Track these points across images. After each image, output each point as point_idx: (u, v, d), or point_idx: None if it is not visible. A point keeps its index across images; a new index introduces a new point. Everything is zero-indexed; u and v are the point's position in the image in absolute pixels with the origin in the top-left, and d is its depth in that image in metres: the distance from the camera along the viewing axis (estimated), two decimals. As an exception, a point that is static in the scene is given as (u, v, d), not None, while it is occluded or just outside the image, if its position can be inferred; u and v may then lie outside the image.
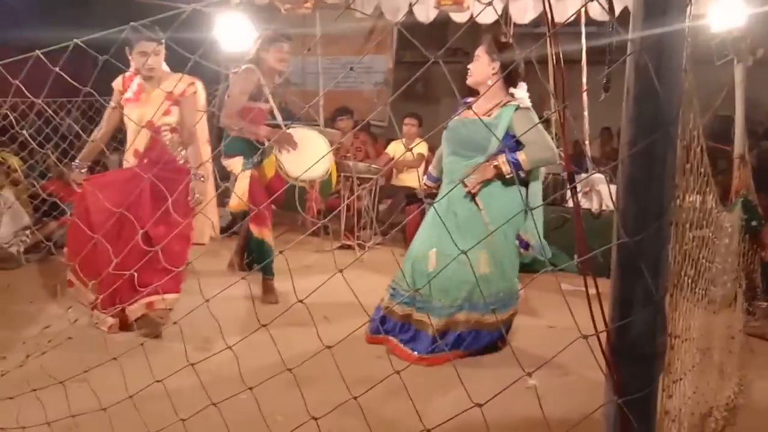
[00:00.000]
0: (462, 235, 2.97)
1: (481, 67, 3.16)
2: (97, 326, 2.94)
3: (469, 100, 3.29)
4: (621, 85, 0.95)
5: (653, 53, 0.88)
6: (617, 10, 4.78)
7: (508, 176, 3.05)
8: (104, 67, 1.69)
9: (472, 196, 3.10)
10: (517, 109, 3.11)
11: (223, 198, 4.87)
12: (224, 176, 4.42)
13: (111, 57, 1.68)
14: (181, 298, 3.10)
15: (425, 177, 3.67)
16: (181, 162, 3.53)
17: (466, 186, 3.06)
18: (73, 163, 3.48)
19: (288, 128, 3.88)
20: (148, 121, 3.37)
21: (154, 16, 1.60)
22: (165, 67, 3.50)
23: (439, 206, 3.14)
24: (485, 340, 3.14)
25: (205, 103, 3.68)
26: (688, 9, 0.92)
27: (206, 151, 3.64)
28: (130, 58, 3.37)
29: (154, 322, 3.05)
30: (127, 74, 3.47)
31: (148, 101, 3.44)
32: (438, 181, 3.51)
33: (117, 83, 3.48)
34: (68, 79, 1.67)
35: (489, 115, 3.12)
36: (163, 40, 3.35)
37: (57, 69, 1.62)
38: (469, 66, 3.20)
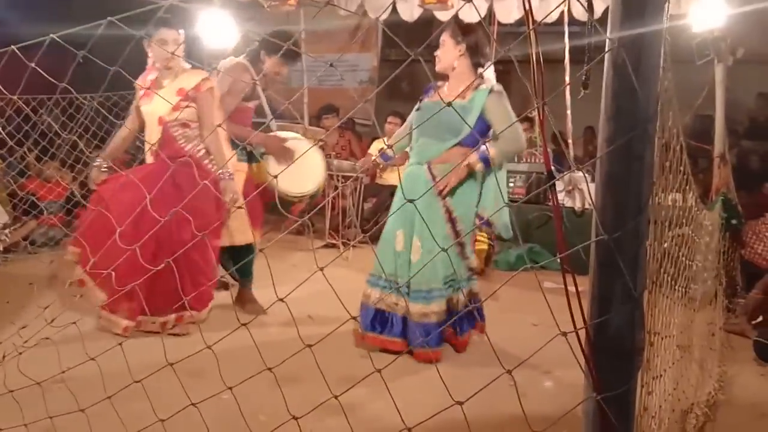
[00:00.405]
0: (426, 221, 3.02)
1: (448, 52, 3.18)
2: (105, 328, 2.82)
3: (439, 83, 3.32)
4: (601, 83, 0.95)
5: (631, 51, 0.88)
6: (599, 11, 4.82)
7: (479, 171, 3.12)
8: (86, 64, 1.66)
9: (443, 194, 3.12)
10: (490, 91, 3.11)
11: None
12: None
13: (89, 52, 1.65)
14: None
15: (380, 155, 3.64)
16: (203, 159, 3.34)
17: (439, 187, 3.10)
18: (94, 161, 3.31)
19: (275, 132, 3.82)
20: (159, 117, 3.27)
21: (134, 11, 1.57)
22: (184, 64, 3.36)
23: (404, 185, 3.19)
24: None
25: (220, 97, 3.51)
26: (666, 8, 0.92)
27: (228, 148, 3.41)
28: (148, 50, 3.27)
29: (177, 334, 3.07)
30: (146, 70, 3.39)
31: (157, 99, 3.25)
32: (389, 159, 3.60)
33: (138, 82, 3.37)
34: (44, 74, 1.64)
35: (463, 98, 3.10)
36: (181, 33, 3.30)
37: (32, 65, 1.59)
38: (436, 53, 3.24)
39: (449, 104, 1.14)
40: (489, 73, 3.32)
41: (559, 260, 1.04)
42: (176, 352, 1.67)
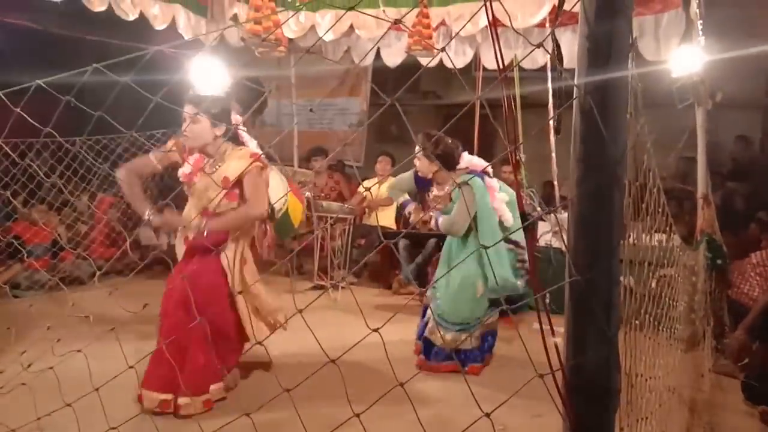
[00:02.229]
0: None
1: (425, 167, 3.79)
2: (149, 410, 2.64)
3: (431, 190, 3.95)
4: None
5: (597, 97, 0.91)
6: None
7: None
8: (76, 108, 1.69)
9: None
10: (459, 187, 3.68)
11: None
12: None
13: (78, 97, 1.68)
14: (138, 339, 2.96)
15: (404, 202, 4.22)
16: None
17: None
18: (146, 217, 2.98)
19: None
20: (204, 209, 3.02)
21: (120, 58, 1.61)
22: (247, 139, 3.20)
23: (445, 248, 3.94)
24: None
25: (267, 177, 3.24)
26: (631, 56, 0.96)
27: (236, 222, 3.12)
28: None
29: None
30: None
31: (205, 185, 3.04)
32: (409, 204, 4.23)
33: (171, 145, 3.13)
34: (29, 119, 1.66)
35: (450, 200, 3.78)
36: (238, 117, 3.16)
37: (18, 109, 1.61)
38: (415, 161, 3.82)
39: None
40: (467, 159, 3.82)
41: (536, 301, 1.04)
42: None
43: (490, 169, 3.88)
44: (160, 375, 2.70)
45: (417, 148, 3.83)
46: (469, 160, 3.81)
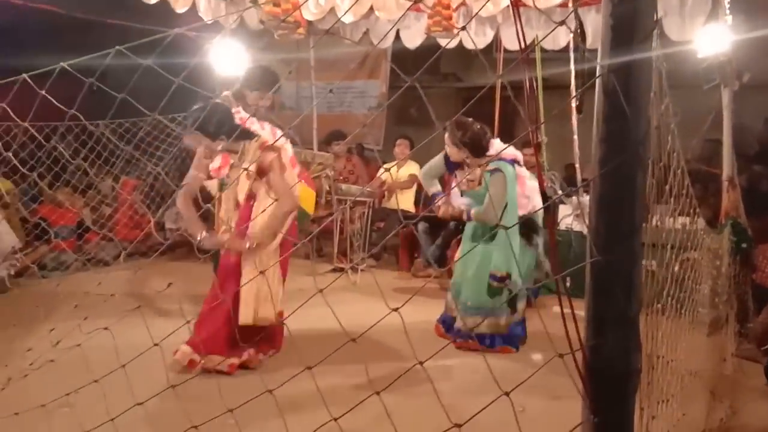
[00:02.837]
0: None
1: (454, 153, 3.78)
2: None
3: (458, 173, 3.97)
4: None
5: (621, 76, 0.90)
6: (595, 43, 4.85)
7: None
8: (99, 91, 1.71)
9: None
10: (491, 173, 3.68)
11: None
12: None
13: (102, 80, 1.70)
14: (163, 317, 3.05)
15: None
16: None
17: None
18: (199, 237, 3.16)
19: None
20: (236, 202, 3.30)
21: (144, 39, 1.62)
22: (256, 127, 3.32)
23: (466, 233, 3.96)
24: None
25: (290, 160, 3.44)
26: (655, 35, 0.94)
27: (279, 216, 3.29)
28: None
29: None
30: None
31: (233, 174, 3.25)
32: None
33: (202, 155, 3.29)
34: (55, 102, 1.68)
35: (480, 184, 3.79)
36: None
37: (43, 92, 1.63)
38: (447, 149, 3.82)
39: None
40: (497, 144, 3.80)
41: (557, 282, 1.04)
42: (181, 376, 1.67)
43: (520, 158, 3.85)
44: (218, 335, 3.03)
45: (446, 135, 3.78)
46: (499, 146, 3.79)
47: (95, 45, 1.74)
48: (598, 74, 0.91)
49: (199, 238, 3.12)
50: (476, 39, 5.61)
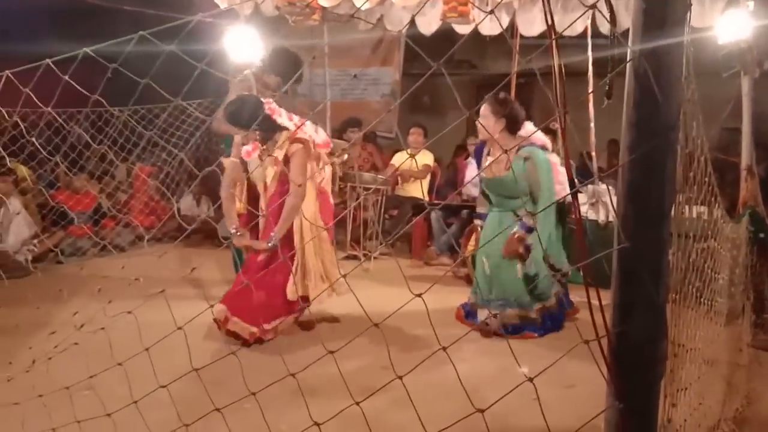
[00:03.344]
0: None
1: (491, 125, 3.65)
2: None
3: (478, 141, 3.93)
4: (624, 95, 0.95)
5: (652, 60, 0.89)
6: (625, 24, 4.79)
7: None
8: (115, 78, 1.72)
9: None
10: (525, 160, 3.60)
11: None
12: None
13: (122, 67, 1.70)
14: (181, 301, 3.12)
15: (477, 217, 4.12)
16: None
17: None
18: (231, 231, 3.49)
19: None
20: (264, 186, 3.58)
21: (163, 26, 1.62)
22: (284, 120, 3.48)
23: (490, 223, 3.82)
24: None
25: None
26: (688, 18, 0.93)
27: (310, 207, 3.62)
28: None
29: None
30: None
31: (262, 170, 3.57)
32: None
33: (229, 163, 3.61)
34: (77, 87, 1.69)
35: (507, 169, 3.67)
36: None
37: (66, 77, 1.64)
38: (477, 123, 3.81)
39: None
40: (529, 127, 3.78)
41: (581, 271, 1.04)
42: (201, 359, 1.69)
43: (548, 144, 3.82)
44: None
45: (483, 108, 3.68)
46: (529, 130, 3.75)
47: (111, 32, 1.74)
48: (629, 58, 0.90)
49: (233, 231, 3.43)
50: (492, 25, 5.55)
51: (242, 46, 4.98)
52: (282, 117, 3.51)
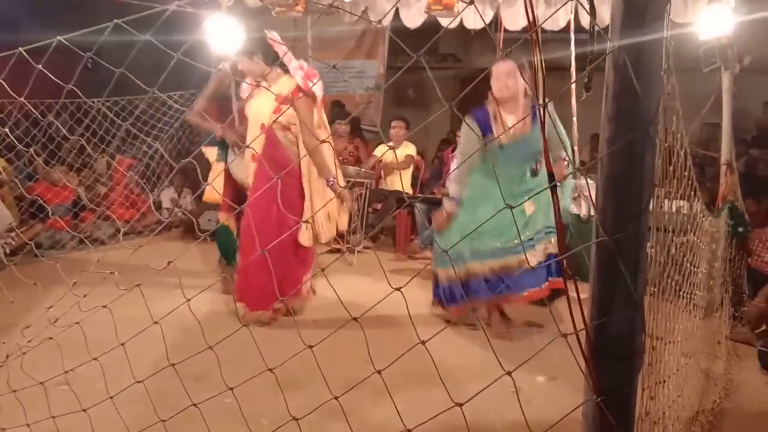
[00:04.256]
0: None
1: (517, 85, 3.48)
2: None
3: (501, 113, 3.62)
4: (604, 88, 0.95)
5: (632, 52, 0.88)
6: (606, 18, 4.81)
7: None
8: (96, 69, 1.68)
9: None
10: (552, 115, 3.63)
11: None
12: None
13: (99, 57, 1.67)
14: (160, 295, 3.06)
15: (452, 199, 3.75)
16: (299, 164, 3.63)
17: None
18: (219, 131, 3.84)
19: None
20: (261, 124, 3.55)
21: (137, 14, 1.59)
22: (280, 71, 3.60)
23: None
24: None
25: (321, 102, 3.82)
26: (667, 10, 0.92)
27: (329, 151, 3.75)
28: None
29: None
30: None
31: (258, 100, 3.63)
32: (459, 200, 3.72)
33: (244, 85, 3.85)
34: (51, 77, 1.65)
35: (530, 130, 3.53)
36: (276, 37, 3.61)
37: (40, 66, 1.60)
38: (505, 83, 3.49)
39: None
40: None
41: (562, 263, 1.03)
42: (180, 353, 1.67)
43: None
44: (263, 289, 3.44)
45: (508, 65, 3.49)
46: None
47: (91, 22, 1.70)
48: (608, 50, 0.89)
49: (218, 131, 3.74)
50: (476, 19, 5.55)
51: (223, 37, 4.92)
52: (293, 62, 3.64)
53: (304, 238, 3.59)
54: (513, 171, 3.61)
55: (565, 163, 3.59)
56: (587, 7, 4.11)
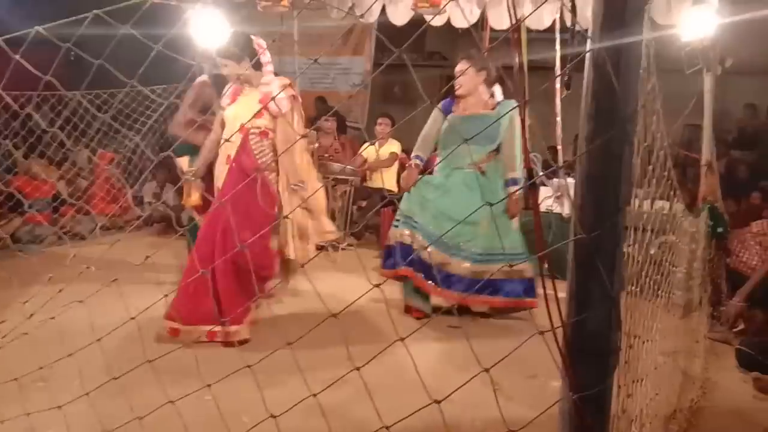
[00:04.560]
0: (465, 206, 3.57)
1: (471, 79, 3.75)
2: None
3: (462, 100, 3.86)
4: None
5: (611, 50, 0.89)
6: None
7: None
8: (78, 62, 1.65)
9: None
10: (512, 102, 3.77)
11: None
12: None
13: (81, 49, 1.64)
14: (138, 290, 2.99)
15: (415, 157, 4.05)
16: (270, 173, 3.42)
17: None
18: (185, 175, 3.50)
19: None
20: (240, 125, 3.35)
21: (118, 5, 1.56)
22: (267, 73, 3.47)
23: (437, 181, 3.85)
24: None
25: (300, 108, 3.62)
26: (646, 10, 0.93)
27: (305, 158, 3.58)
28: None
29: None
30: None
31: (241, 103, 3.46)
32: (424, 161, 4.07)
33: (224, 91, 3.59)
34: (29, 67, 1.62)
35: (492, 109, 3.76)
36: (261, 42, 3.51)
37: (17, 57, 1.57)
38: (457, 82, 3.77)
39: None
40: (498, 90, 3.89)
41: (539, 261, 1.03)
42: (158, 350, 1.65)
43: None
44: (200, 306, 3.01)
45: (461, 65, 3.81)
46: (497, 93, 3.87)
47: (74, 14, 1.67)
48: (588, 48, 0.90)
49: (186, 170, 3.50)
50: (462, 18, 5.55)
51: (208, 31, 4.87)
52: (269, 67, 3.53)
53: (289, 251, 3.31)
54: (472, 150, 3.78)
55: (517, 192, 3.78)
56: (569, 5, 4.15)
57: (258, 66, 3.45)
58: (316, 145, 5.96)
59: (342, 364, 1.29)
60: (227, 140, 3.41)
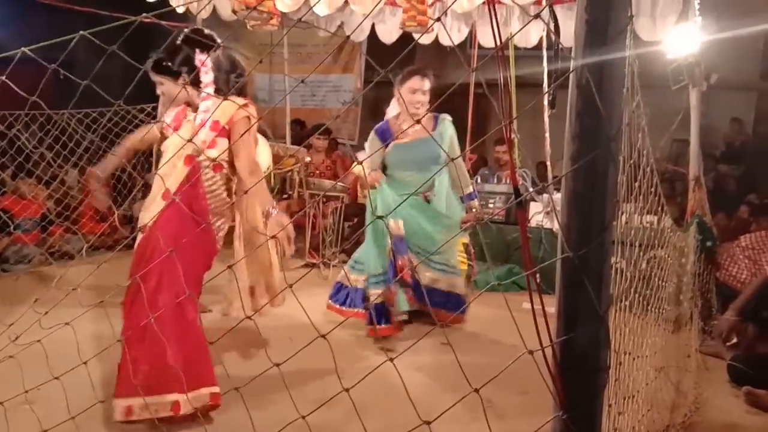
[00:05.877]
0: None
1: (418, 98, 3.65)
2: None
3: (401, 124, 3.78)
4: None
5: (594, 70, 0.90)
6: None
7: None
8: (68, 81, 1.65)
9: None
10: (449, 121, 3.81)
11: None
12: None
13: (69, 70, 1.64)
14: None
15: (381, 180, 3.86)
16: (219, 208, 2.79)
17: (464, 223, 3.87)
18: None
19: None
20: (186, 156, 2.66)
21: (107, 25, 1.57)
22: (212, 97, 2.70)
23: (388, 208, 3.68)
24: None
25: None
26: (629, 30, 0.94)
27: (262, 185, 2.82)
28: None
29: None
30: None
31: (186, 129, 2.73)
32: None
33: (167, 116, 2.86)
34: (14, 88, 1.62)
35: (434, 130, 3.76)
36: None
37: (3, 77, 1.57)
38: (420, 101, 3.65)
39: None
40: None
41: (528, 278, 1.03)
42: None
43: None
44: (146, 373, 2.19)
45: (426, 83, 3.69)
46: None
47: (64, 33, 1.67)
48: (571, 68, 0.91)
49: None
50: (451, 35, 5.62)
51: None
52: (210, 78, 2.76)
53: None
54: (410, 177, 3.79)
55: (474, 208, 3.87)
56: (552, 26, 4.20)
57: (197, 84, 2.74)
58: (308, 159, 5.98)
59: (335, 383, 1.28)
60: (156, 173, 2.76)
